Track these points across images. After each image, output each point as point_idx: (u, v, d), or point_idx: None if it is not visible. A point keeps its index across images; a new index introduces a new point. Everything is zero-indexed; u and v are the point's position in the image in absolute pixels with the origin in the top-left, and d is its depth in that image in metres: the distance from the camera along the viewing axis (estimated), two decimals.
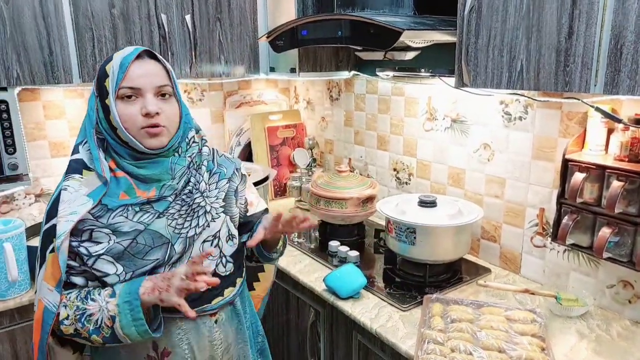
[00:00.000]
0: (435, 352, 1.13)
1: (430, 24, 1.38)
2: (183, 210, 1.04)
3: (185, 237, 1.04)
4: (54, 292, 0.96)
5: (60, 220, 0.95)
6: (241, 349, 1.18)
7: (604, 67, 1.00)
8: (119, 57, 0.98)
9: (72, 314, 0.96)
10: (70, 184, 0.99)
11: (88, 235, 0.97)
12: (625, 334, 1.27)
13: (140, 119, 0.98)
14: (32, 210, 1.93)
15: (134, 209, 0.99)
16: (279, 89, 2.58)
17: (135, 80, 0.97)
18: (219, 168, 1.15)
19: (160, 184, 1.02)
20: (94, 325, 0.95)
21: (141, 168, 1.00)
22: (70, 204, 0.97)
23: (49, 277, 0.97)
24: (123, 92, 0.97)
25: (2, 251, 1.46)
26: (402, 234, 1.52)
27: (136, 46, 1.01)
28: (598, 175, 1.24)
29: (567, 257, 1.46)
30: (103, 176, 0.98)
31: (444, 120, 1.78)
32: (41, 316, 0.97)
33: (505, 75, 1.18)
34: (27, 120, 1.89)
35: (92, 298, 0.96)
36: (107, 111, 0.98)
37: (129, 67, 0.97)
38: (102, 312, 0.94)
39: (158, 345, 1.04)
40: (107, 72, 0.98)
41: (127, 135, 0.97)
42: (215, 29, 1.91)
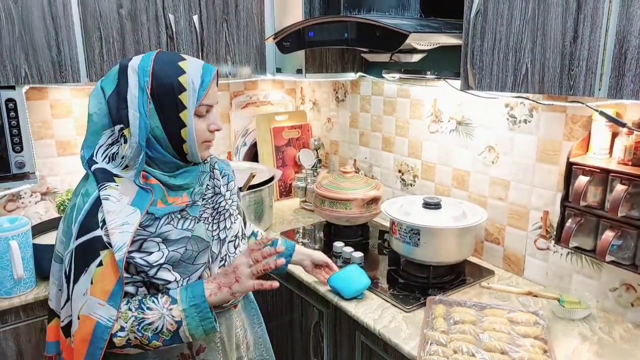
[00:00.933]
0: (437, 353, 1.14)
1: (436, 26, 1.38)
2: (213, 214, 1.09)
3: (219, 239, 1.08)
4: (107, 306, 0.93)
5: (113, 232, 0.92)
6: (256, 332, 1.26)
7: (608, 71, 1.00)
8: (197, 73, 0.99)
9: (129, 324, 0.94)
10: (111, 193, 0.95)
11: (138, 245, 0.96)
12: (627, 337, 1.27)
13: (207, 134, 1.04)
14: (38, 208, 1.94)
15: (177, 216, 1.01)
16: (285, 90, 2.59)
17: (212, 98, 1.02)
18: (225, 170, 1.19)
19: (190, 191, 1.05)
20: (153, 333, 0.95)
21: (173, 177, 1.02)
22: (118, 214, 0.94)
23: (99, 291, 0.93)
24: (202, 109, 1.01)
25: (8, 249, 1.47)
26: (406, 235, 1.53)
27: (202, 61, 1.03)
28: (602, 179, 1.24)
29: (570, 259, 1.47)
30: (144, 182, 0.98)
31: (449, 123, 1.79)
32: (91, 333, 0.92)
33: (510, 78, 1.18)
34: (35, 118, 1.91)
35: (148, 307, 0.95)
36: (177, 124, 0.98)
37: (210, 85, 1.00)
38: (163, 319, 0.95)
39: (193, 343, 1.06)
40: (184, 86, 0.97)
41: (195, 148, 1.01)
42: (222, 30, 1.93)
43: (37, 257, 1.58)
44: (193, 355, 1.07)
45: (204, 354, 1.09)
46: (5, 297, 1.50)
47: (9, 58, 1.53)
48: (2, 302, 1.49)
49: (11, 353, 1.53)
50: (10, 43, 1.53)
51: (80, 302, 0.94)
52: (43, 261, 1.58)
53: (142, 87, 0.96)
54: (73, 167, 2.03)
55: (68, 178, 2.02)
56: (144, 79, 0.96)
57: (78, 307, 0.94)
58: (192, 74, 0.98)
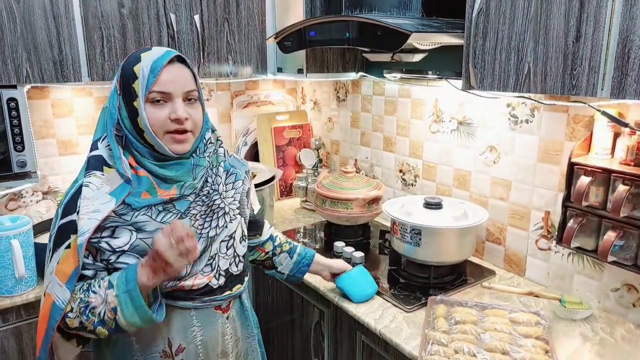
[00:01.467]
0: (439, 353, 1.14)
1: (437, 26, 1.38)
2: (203, 211, 1.06)
3: (206, 237, 1.06)
4: (63, 288, 0.96)
5: (82, 217, 0.95)
6: (249, 343, 1.21)
7: (611, 71, 1.00)
8: (150, 60, 0.98)
9: (77, 306, 0.96)
10: (92, 181, 0.98)
11: (110, 232, 0.97)
12: (629, 337, 1.27)
13: (169, 124, 0.99)
14: (39, 207, 1.95)
15: (157, 209, 1.01)
16: (286, 90, 2.59)
17: (167, 85, 0.98)
18: (234, 169, 1.17)
19: (181, 184, 1.03)
20: (98, 318, 0.95)
21: (163, 168, 1.01)
22: (93, 201, 0.96)
23: (60, 272, 0.96)
24: (153, 96, 0.98)
25: (10, 248, 1.47)
26: (407, 235, 1.53)
27: (166, 49, 1.01)
28: (604, 179, 1.24)
29: (571, 260, 1.46)
30: (126, 175, 0.98)
31: (450, 123, 1.78)
32: (49, 311, 0.97)
33: (512, 78, 1.18)
34: (36, 118, 1.91)
35: (93, 290, 0.96)
36: (134, 113, 0.98)
37: (160, 71, 0.97)
38: (104, 304, 0.95)
39: (172, 342, 1.06)
40: (137, 74, 0.97)
41: (155, 138, 0.98)
42: (223, 30, 1.93)
43: (38, 256, 1.58)
44: (172, 355, 1.06)
45: (183, 354, 1.06)
46: (7, 295, 1.50)
47: (11, 57, 1.53)
48: (4, 300, 1.49)
49: (12, 352, 1.53)
50: (12, 42, 1.53)
51: (47, 280, 1.00)
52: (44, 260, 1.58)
53: (116, 82, 1.01)
54: (74, 167, 2.03)
55: (69, 177, 2.01)
56: (118, 74, 1.01)
57: (45, 283, 1.00)
58: (145, 62, 0.97)
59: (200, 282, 1.06)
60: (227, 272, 1.10)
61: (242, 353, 1.19)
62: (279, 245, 1.38)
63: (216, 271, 1.08)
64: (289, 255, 1.37)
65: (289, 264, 1.37)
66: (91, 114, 2.03)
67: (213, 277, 1.08)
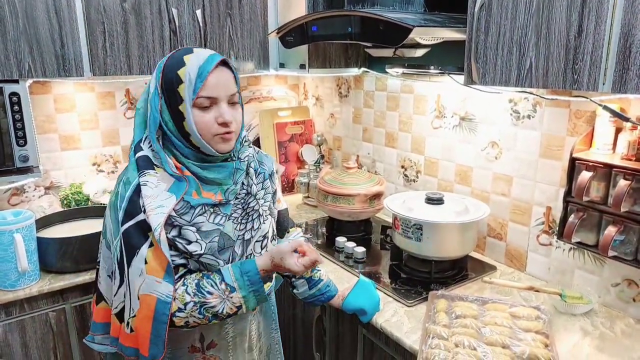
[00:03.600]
0: (439, 346, 1.14)
1: (440, 21, 1.38)
2: (240, 214, 1.08)
3: (243, 240, 1.08)
4: (163, 283, 0.96)
5: (150, 214, 0.96)
6: (272, 337, 1.25)
7: (612, 65, 1.00)
8: (195, 64, 0.97)
9: (189, 309, 0.97)
10: (149, 179, 0.99)
11: (177, 231, 0.99)
12: (629, 332, 1.27)
13: (215, 127, 1.00)
14: (42, 202, 1.95)
15: (209, 210, 1.03)
16: (288, 85, 2.59)
17: (213, 90, 0.98)
18: (262, 167, 1.17)
19: (225, 188, 1.05)
20: (213, 314, 0.99)
21: (206, 170, 1.03)
22: (155, 198, 0.97)
23: (154, 270, 0.96)
24: (201, 101, 0.98)
25: (13, 242, 1.48)
26: (408, 230, 1.53)
27: (210, 52, 1.01)
28: (605, 174, 1.24)
29: (572, 255, 1.47)
30: (178, 174, 1.00)
31: (452, 118, 1.79)
32: (154, 310, 0.96)
33: (514, 72, 1.18)
34: (38, 113, 1.91)
35: (208, 291, 0.98)
36: (179, 116, 0.98)
37: (207, 76, 0.97)
38: (224, 303, 0.99)
39: (205, 337, 1.08)
40: (182, 78, 0.97)
41: (202, 141, 0.99)
42: (225, 25, 1.93)
43: (41, 251, 1.58)
44: (203, 349, 1.09)
45: (214, 349, 1.09)
46: (10, 289, 1.51)
47: (13, 52, 1.54)
48: (7, 294, 1.50)
49: (16, 345, 1.54)
50: (14, 37, 1.53)
51: (138, 283, 0.97)
52: (47, 254, 1.59)
53: (156, 83, 1.00)
54: (76, 162, 2.03)
55: (71, 172, 2.03)
56: (158, 75, 1.00)
57: (136, 287, 0.97)
58: (190, 66, 0.98)
59: None
60: None
61: (265, 348, 1.22)
62: None
63: None
64: (308, 285, 1.31)
65: (305, 293, 1.32)
66: (93, 110, 2.04)
67: None
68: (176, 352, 1.08)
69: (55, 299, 1.58)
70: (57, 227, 1.78)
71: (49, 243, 1.58)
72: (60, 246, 1.58)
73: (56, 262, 1.60)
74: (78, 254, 1.59)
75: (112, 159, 2.11)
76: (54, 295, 1.58)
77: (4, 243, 1.47)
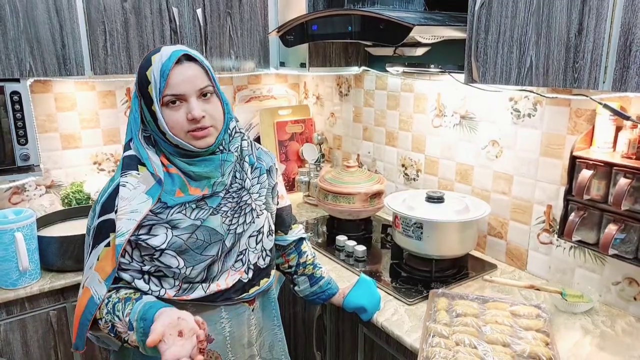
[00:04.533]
0: (440, 345, 1.14)
1: (440, 19, 1.38)
2: (232, 207, 1.08)
3: (234, 234, 1.07)
4: (102, 284, 0.98)
5: (121, 218, 0.97)
6: (274, 334, 1.24)
7: (612, 63, 1.00)
8: (159, 63, 0.97)
9: (103, 322, 0.98)
10: (129, 181, 1.00)
11: (147, 229, 0.99)
12: (629, 330, 1.27)
13: (187, 124, 0.99)
14: (42, 201, 1.96)
15: (190, 206, 1.02)
16: (288, 84, 2.60)
17: (177, 87, 0.98)
18: (259, 162, 1.17)
19: (211, 181, 1.04)
20: (123, 340, 0.97)
21: (192, 165, 1.02)
22: (131, 201, 0.98)
23: (101, 269, 0.99)
24: (167, 99, 0.98)
25: (14, 240, 1.48)
26: (409, 229, 1.53)
27: (173, 48, 1.00)
28: (605, 173, 1.24)
29: (573, 253, 1.47)
30: (157, 175, 1.00)
31: (452, 117, 1.79)
32: (85, 304, 0.99)
33: (515, 71, 1.18)
34: (39, 112, 1.91)
35: (118, 316, 0.96)
36: (155, 116, 0.99)
37: (169, 74, 0.97)
38: (126, 335, 0.95)
39: None
40: (149, 79, 0.98)
41: (177, 139, 1.00)
42: (225, 24, 1.93)
43: (42, 249, 1.59)
44: None
45: (211, 345, 1.09)
46: (11, 288, 1.51)
47: (14, 51, 1.54)
48: (8, 293, 1.50)
49: (17, 344, 1.54)
50: (15, 36, 1.53)
51: (86, 274, 1.01)
52: (48, 253, 1.59)
53: (135, 85, 1.02)
54: (77, 161, 2.04)
55: (72, 171, 2.03)
56: (136, 77, 1.01)
57: (85, 277, 1.02)
58: (155, 66, 0.97)
59: (234, 279, 1.07)
60: (255, 266, 1.12)
61: (266, 343, 1.22)
62: (303, 265, 1.33)
63: (247, 266, 1.10)
64: (310, 282, 1.33)
65: (307, 290, 1.33)
66: (94, 109, 2.04)
67: (244, 271, 1.10)
68: None
69: (56, 298, 1.59)
70: (58, 226, 1.78)
71: (49, 242, 1.58)
72: (61, 245, 1.58)
73: (57, 261, 1.60)
74: (79, 253, 1.59)
75: (113, 157, 2.11)
76: (54, 294, 1.58)
77: (5, 242, 1.48)
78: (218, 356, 1.10)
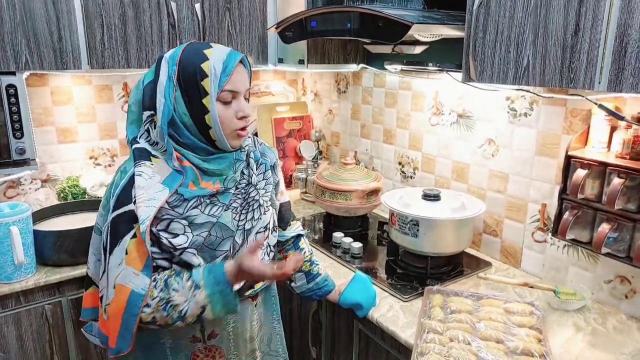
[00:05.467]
0: (434, 341, 1.15)
1: (439, 18, 1.39)
2: (240, 204, 1.09)
3: (243, 230, 1.08)
4: (140, 275, 0.96)
5: (140, 206, 0.96)
6: (273, 327, 1.26)
7: (608, 64, 1.01)
8: (219, 59, 0.99)
9: (155, 303, 0.96)
10: (144, 170, 0.99)
11: (165, 225, 0.98)
12: (620, 328, 1.29)
13: (235, 122, 1.02)
14: (38, 195, 1.95)
15: (205, 202, 1.03)
16: (286, 81, 2.59)
17: (236, 84, 1.01)
18: (264, 158, 1.18)
19: (223, 177, 1.06)
20: (178, 314, 0.96)
21: (206, 162, 1.03)
22: (147, 190, 0.97)
23: (134, 261, 0.96)
24: (225, 95, 1.00)
25: (9, 234, 1.48)
26: (405, 226, 1.54)
27: (229, 49, 1.03)
28: (599, 172, 1.25)
29: (566, 252, 1.48)
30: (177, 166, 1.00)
31: (450, 115, 1.79)
32: (126, 301, 0.95)
33: (512, 70, 1.19)
34: (35, 105, 1.91)
35: (174, 288, 0.96)
36: (201, 110, 0.99)
37: (232, 71, 1.00)
38: (188, 303, 0.96)
39: (205, 327, 1.09)
40: (206, 72, 0.98)
41: (222, 135, 1.01)
42: (224, 19, 1.92)
43: (37, 244, 1.58)
44: (204, 339, 1.09)
45: (215, 339, 1.10)
46: (6, 282, 1.51)
47: (10, 44, 1.53)
48: (3, 287, 1.49)
49: (11, 338, 1.54)
50: (12, 28, 1.52)
51: (116, 272, 0.97)
52: (44, 247, 1.59)
53: (169, 75, 1.00)
54: (73, 155, 2.03)
55: (68, 166, 2.03)
56: (172, 68, 1.00)
57: (114, 276, 0.97)
58: (214, 60, 0.99)
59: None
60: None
61: (265, 337, 1.23)
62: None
63: None
64: (306, 279, 1.34)
65: (303, 287, 1.35)
66: (90, 103, 2.03)
67: None
68: (178, 342, 1.08)
69: (51, 292, 1.58)
70: (54, 220, 1.78)
71: (45, 236, 1.58)
72: (57, 239, 1.58)
73: (53, 255, 1.59)
74: (74, 247, 1.59)
75: (109, 152, 2.11)
76: (50, 288, 1.58)
77: (0, 236, 1.47)
78: (222, 351, 1.11)
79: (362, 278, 1.37)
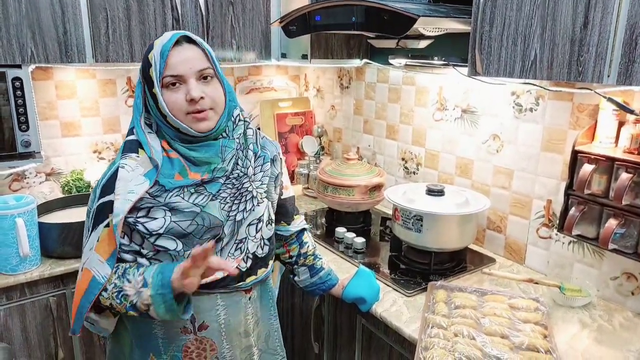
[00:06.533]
0: (438, 336, 1.15)
1: (444, 11, 1.38)
2: (232, 194, 1.08)
3: (234, 221, 1.07)
4: (104, 264, 0.99)
5: (117, 198, 0.98)
6: (271, 324, 1.24)
7: (618, 57, 1.00)
8: (159, 45, 1.00)
9: (110, 289, 0.99)
10: (128, 163, 1.01)
11: (145, 212, 1.00)
12: (627, 325, 1.28)
13: (186, 105, 1.00)
14: (42, 188, 1.95)
15: (189, 190, 1.03)
16: (289, 76, 2.59)
17: (176, 68, 0.99)
18: (263, 151, 1.17)
19: (212, 167, 1.05)
20: (130, 304, 0.97)
21: (192, 150, 1.03)
22: (128, 183, 0.99)
23: (101, 249, 0.99)
24: (167, 80, 0.99)
25: (14, 226, 1.48)
26: (409, 221, 1.53)
27: (174, 31, 1.02)
28: (607, 167, 1.24)
29: (572, 248, 1.47)
30: (153, 159, 1.01)
31: (454, 111, 1.78)
32: (87, 285, 0.99)
33: (519, 64, 1.18)
34: (40, 99, 1.90)
35: (127, 279, 0.98)
36: (155, 99, 1.00)
37: (168, 55, 0.99)
38: (137, 296, 0.96)
39: (196, 318, 1.08)
40: (150, 62, 0.99)
41: (177, 121, 1.00)
42: (228, 14, 1.92)
43: (42, 236, 1.59)
44: (194, 331, 1.08)
45: (206, 331, 1.09)
46: (11, 274, 1.51)
47: (16, 37, 1.53)
48: (8, 279, 1.50)
49: (16, 329, 1.55)
50: (17, 21, 1.52)
51: (86, 256, 1.02)
52: (48, 240, 1.59)
53: (139, 71, 1.04)
54: (77, 149, 2.03)
55: (72, 159, 2.03)
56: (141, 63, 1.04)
57: (84, 260, 1.02)
58: (156, 48, 1.00)
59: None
60: (254, 255, 1.12)
61: (263, 334, 1.22)
62: (304, 255, 1.33)
63: (245, 254, 1.10)
64: (310, 273, 1.34)
65: (307, 281, 1.34)
66: (94, 97, 2.03)
67: (242, 260, 1.09)
68: (168, 332, 1.08)
69: (55, 284, 1.59)
70: (58, 213, 1.78)
71: (50, 228, 1.58)
72: (62, 231, 1.58)
73: (57, 248, 1.60)
74: (79, 240, 1.57)
75: (113, 146, 2.11)
76: (54, 280, 1.58)
77: (5, 227, 1.47)
78: (213, 344, 1.10)
79: (365, 272, 1.37)
